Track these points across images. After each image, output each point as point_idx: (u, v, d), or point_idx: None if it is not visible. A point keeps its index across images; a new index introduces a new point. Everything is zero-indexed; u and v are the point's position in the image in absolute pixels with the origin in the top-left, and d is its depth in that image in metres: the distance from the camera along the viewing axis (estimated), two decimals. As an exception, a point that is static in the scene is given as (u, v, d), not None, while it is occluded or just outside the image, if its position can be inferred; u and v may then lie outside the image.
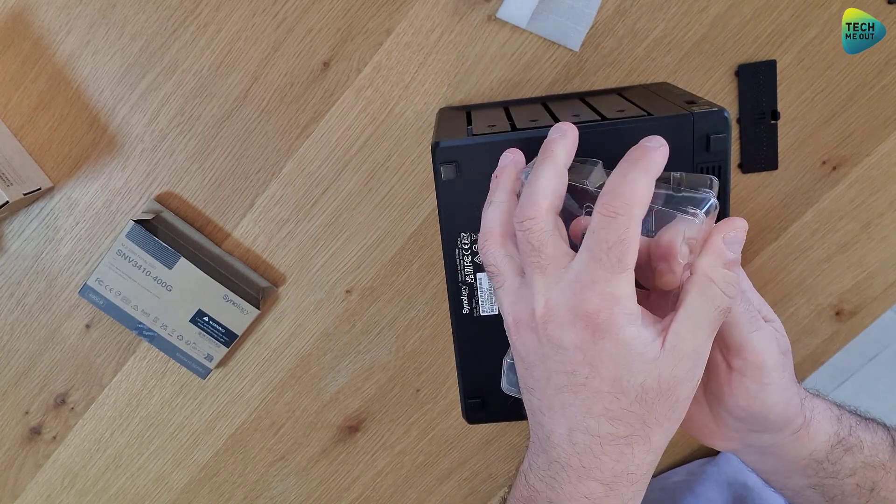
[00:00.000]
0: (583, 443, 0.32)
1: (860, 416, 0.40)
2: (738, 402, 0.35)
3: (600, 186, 0.32)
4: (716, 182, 0.33)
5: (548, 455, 0.33)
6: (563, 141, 0.33)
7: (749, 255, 0.57)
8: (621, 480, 0.32)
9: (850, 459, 0.37)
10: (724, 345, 0.34)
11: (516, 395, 0.37)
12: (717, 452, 0.63)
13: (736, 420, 0.36)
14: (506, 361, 0.38)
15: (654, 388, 0.30)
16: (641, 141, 0.32)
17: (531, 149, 0.35)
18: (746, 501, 0.57)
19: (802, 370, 0.60)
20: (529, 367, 0.33)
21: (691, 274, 0.32)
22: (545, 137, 0.34)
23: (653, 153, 0.31)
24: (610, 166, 0.32)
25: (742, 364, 0.34)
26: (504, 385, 0.37)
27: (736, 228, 0.32)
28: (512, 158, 0.36)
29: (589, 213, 0.35)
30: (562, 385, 0.31)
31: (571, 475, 0.32)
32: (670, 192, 0.33)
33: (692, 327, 0.31)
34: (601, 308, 0.29)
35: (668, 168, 0.32)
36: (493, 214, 0.34)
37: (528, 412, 0.35)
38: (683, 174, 0.34)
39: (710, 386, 0.36)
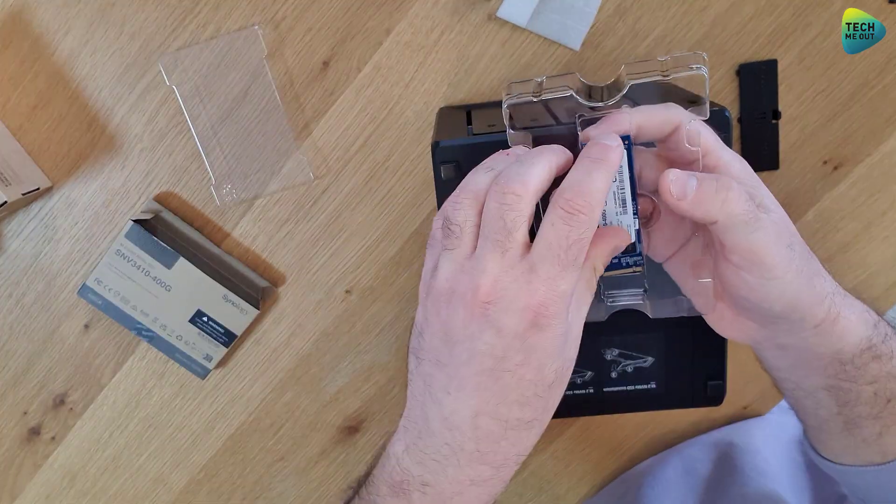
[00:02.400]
0: (486, 427, 0.31)
1: (894, 328, 0.38)
2: (740, 292, 0.34)
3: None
4: (704, 56, 0.31)
5: (436, 438, 0.32)
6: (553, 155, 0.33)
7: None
8: (510, 462, 0.32)
9: (876, 367, 0.35)
10: (720, 244, 0.33)
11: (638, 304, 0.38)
12: None
13: (745, 310, 0.35)
14: (601, 278, 0.35)
15: (563, 372, 0.32)
16: (598, 138, 0.32)
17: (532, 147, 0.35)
18: (732, 456, 0.57)
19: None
20: (450, 343, 0.31)
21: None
22: (545, 137, 0.35)
23: (612, 153, 0.31)
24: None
25: (740, 260, 0.32)
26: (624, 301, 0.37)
27: (618, 237, 0.33)
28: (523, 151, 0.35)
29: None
30: (485, 368, 0.31)
31: (462, 459, 0.31)
32: (657, 79, 0.31)
33: (577, 311, 0.32)
34: (548, 302, 0.30)
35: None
36: (484, 179, 0.33)
37: (418, 387, 0.33)
38: (670, 55, 0.32)
39: (717, 275, 0.35)
